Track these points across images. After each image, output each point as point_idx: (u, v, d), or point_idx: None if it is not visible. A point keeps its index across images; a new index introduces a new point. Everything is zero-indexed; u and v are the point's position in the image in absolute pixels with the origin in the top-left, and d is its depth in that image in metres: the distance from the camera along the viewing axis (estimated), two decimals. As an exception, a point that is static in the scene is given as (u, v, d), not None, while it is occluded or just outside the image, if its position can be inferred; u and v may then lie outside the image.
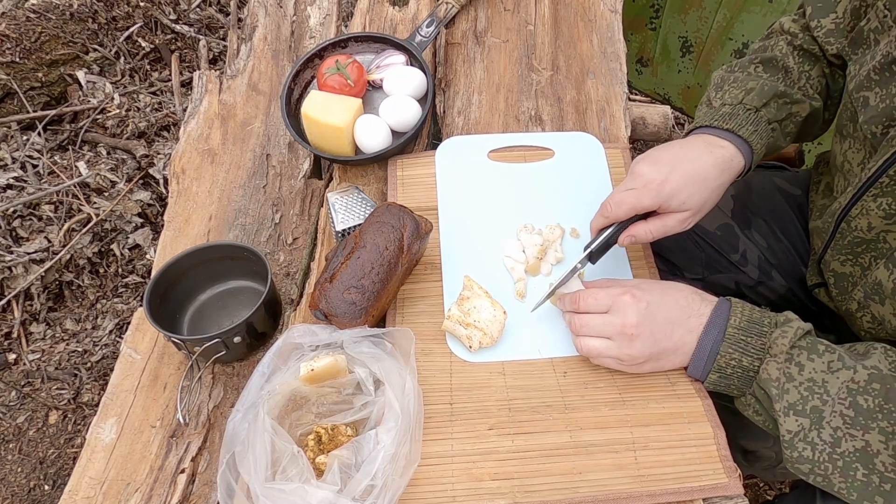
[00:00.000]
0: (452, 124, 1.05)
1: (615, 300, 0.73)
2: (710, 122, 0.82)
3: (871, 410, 0.63)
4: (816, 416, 0.64)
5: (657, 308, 0.72)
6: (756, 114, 0.81)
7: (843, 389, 0.64)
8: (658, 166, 0.76)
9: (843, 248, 0.79)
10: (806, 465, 0.65)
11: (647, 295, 0.73)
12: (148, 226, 1.63)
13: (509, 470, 0.70)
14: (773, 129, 0.82)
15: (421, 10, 1.20)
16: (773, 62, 0.86)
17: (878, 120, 0.71)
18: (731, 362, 0.70)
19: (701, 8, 1.66)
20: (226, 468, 0.66)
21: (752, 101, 0.81)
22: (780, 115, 0.83)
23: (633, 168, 0.78)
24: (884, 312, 0.74)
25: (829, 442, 0.63)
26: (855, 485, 0.63)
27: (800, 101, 0.84)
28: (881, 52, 0.71)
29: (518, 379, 0.77)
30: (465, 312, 0.78)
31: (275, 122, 1.08)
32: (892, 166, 0.69)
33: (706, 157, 0.77)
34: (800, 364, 0.66)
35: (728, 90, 0.84)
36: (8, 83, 1.70)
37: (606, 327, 0.73)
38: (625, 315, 0.72)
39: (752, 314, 0.71)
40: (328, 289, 0.76)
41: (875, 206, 0.72)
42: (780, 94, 0.82)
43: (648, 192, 0.75)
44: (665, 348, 0.73)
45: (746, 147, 0.80)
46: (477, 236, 0.90)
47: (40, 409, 1.43)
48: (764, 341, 0.68)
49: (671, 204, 0.75)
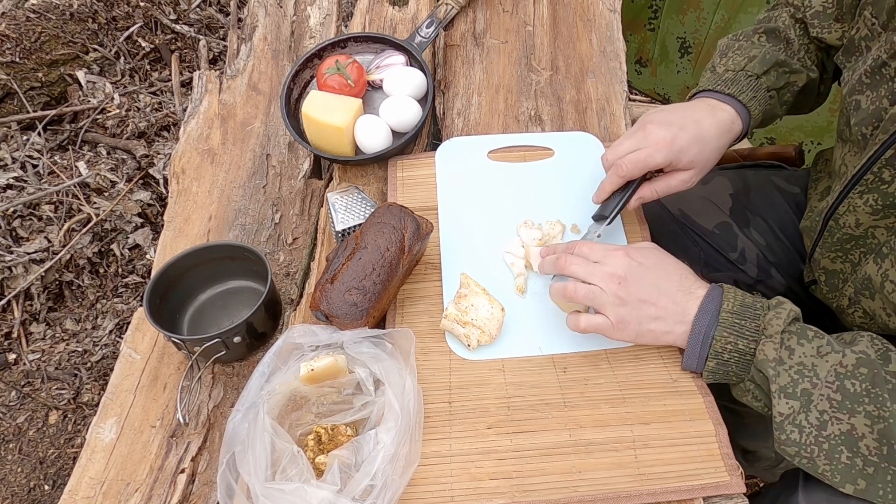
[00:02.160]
0: (452, 125, 1.05)
1: (608, 252, 0.74)
2: (713, 86, 0.85)
3: (858, 394, 0.63)
4: (806, 398, 0.65)
5: (647, 271, 0.73)
6: (756, 80, 0.84)
7: (831, 373, 0.64)
8: (668, 126, 0.79)
9: (832, 246, 0.80)
10: (793, 447, 0.65)
11: (641, 257, 0.74)
12: (148, 226, 1.63)
13: (508, 469, 0.70)
14: (771, 96, 0.86)
15: (421, 10, 1.20)
16: (775, 32, 0.89)
17: (867, 122, 0.73)
18: (728, 346, 0.69)
19: (699, 9, 1.67)
20: (226, 468, 0.66)
21: (753, 69, 0.85)
22: (779, 84, 0.86)
23: (643, 126, 0.80)
24: (874, 307, 0.75)
25: (815, 425, 0.64)
26: (839, 467, 0.63)
27: (798, 71, 0.87)
28: (872, 57, 0.73)
29: (517, 376, 0.77)
30: (463, 311, 0.78)
31: (275, 122, 1.08)
32: (875, 163, 0.70)
33: (709, 119, 0.81)
34: (790, 348, 0.67)
35: (732, 57, 0.88)
36: (8, 83, 1.70)
37: (593, 274, 0.73)
38: (615, 266, 0.73)
39: (745, 298, 0.71)
40: (329, 290, 0.76)
41: (861, 203, 0.73)
42: (780, 62, 0.86)
43: (660, 149, 0.78)
44: (648, 314, 0.72)
45: (745, 112, 0.83)
46: (477, 236, 0.90)
47: (40, 409, 1.43)
48: (758, 323, 0.69)
49: (681, 161, 0.79)
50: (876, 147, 0.70)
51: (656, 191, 0.82)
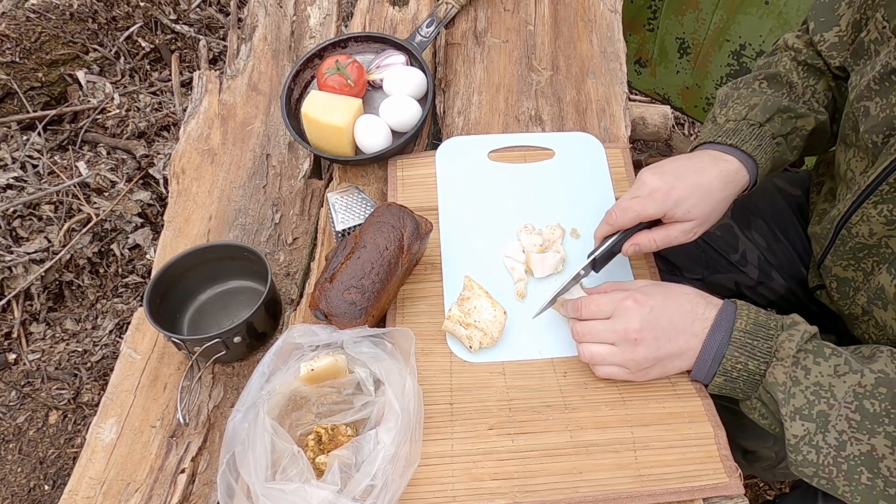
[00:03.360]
0: (452, 125, 1.05)
1: (618, 305, 0.73)
2: (714, 138, 0.82)
3: (878, 414, 0.62)
4: (822, 420, 0.64)
5: (661, 312, 0.72)
6: (760, 129, 0.82)
7: (849, 393, 0.64)
8: (663, 175, 0.76)
9: (844, 254, 0.79)
10: (810, 468, 0.64)
11: (650, 299, 0.72)
12: (148, 226, 1.63)
13: (509, 470, 0.70)
14: (777, 143, 0.83)
15: (421, 10, 1.20)
16: (776, 78, 0.87)
17: (878, 129, 0.71)
18: (738, 366, 0.69)
19: (697, 9, 1.67)
20: (226, 468, 0.66)
21: (755, 117, 0.82)
22: (785, 130, 0.83)
23: (639, 178, 0.78)
24: (886, 318, 0.74)
25: (834, 446, 0.63)
26: (859, 488, 0.63)
27: (804, 115, 0.84)
28: (881, 63, 0.72)
29: (518, 379, 0.77)
30: (466, 313, 0.78)
31: (275, 122, 1.08)
32: (891, 174, 0.69)
33: (711, 169, 0.78)
34: (806, 368, 0.66)
35: (732, 107, 0.85)
36: (8, 83, 1.70)
37: (609, 333, 0.72)
38: (628, 320, 0.71)
39: (758, 317, 0.70)
40: (328, 289, 0.76)
41: (876, 213, 0.72)
42: (783, 108, 0.83)
43: (653, 199, 0.75)
44: (669, 353, 0.72)
45: (751, 162, 0.80)
46: (477, 236, 0.90)
47: (40, 409, 1.43)
48: (770, 345, 0.68)
49: (676, 212, 0.76)
50: (892, 157, 0.69)
51: (655, 240, 0.78)
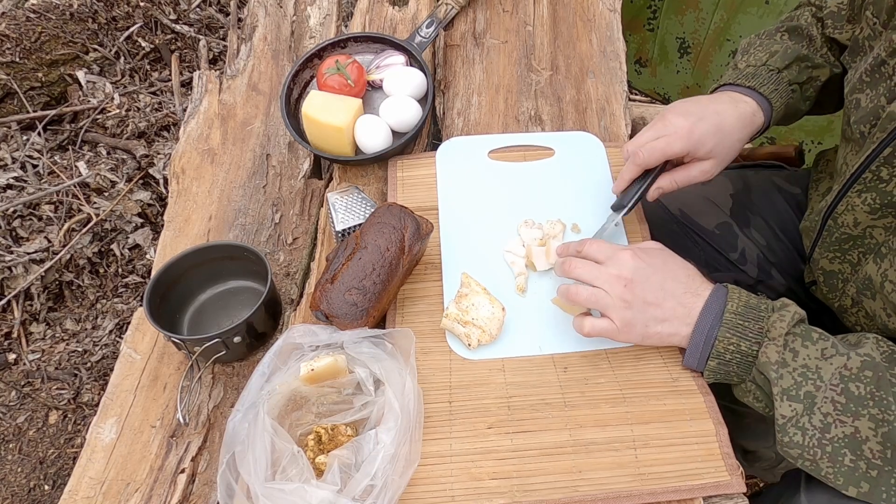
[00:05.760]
0: (452, 125, 1.05)
1: (615, 253, 0.74)
2: (735, 80, 0.86)
3: (863, 397, 0.63)
4: (809, 401, 0.64)
5: (654, 271, 0.72)
6: (778, 74, 0.85)
7: (835, 376, 0.64)
8: (686, 115, 0.79)
9: (830, 246, 0.80)
10: (795, 449, 0.65)
11: (648, 257, 0.73)
12: (148, 226, 1.63)
13: (508, 469, 0.70)
14: (793, 90, 0.86)
15: (421, 10, 1.20)
16: (797, 30, 0.90)
17: (866, 120, 0.73)
18: (730, 347, 0.69)
19: (698, 9, 1.67)
20: (226, 468, 0.66)
21: (775, 63, 0.85)
22: (801, 78, 0.87)
23: (663, 116, 0.80)
24: (875, 307, 0.75)
25: (819, 427, 0.64)
26: (842, 470, 0.63)
27: (821, 66, 0.87)
28: (872, 55, 0.73)
29: (518, 375, 0.77)
30: (463, 310, 0.78)
31: (275, 122, 1.08)
32: (873, 161, 0.70)
33: (731, 110, 0.81)
34: (794, 350, 0.66)
35: (753, 53, 0.88)
36: (8, 83, 1.70)
37: (598, 277, 0.73)
38: (621, 266, 0.72)
39: (749, 300, 0.71)
40: (329, 290, 0.76)
41: (860, 202, 0.73)
42: (802, 57, 0.86)
43: (679, 138, 0.78)
44: (654, 316, 0.72)
45: (767, 104, 0.84)
46: (477, 236, 0.90)
47: (40, 409, 1.43)
48: (762, 325, 0.68)
49: (699, 151, 0.78)
50: (874, 145, 0.70)
51: (676, 181, 0.81)
